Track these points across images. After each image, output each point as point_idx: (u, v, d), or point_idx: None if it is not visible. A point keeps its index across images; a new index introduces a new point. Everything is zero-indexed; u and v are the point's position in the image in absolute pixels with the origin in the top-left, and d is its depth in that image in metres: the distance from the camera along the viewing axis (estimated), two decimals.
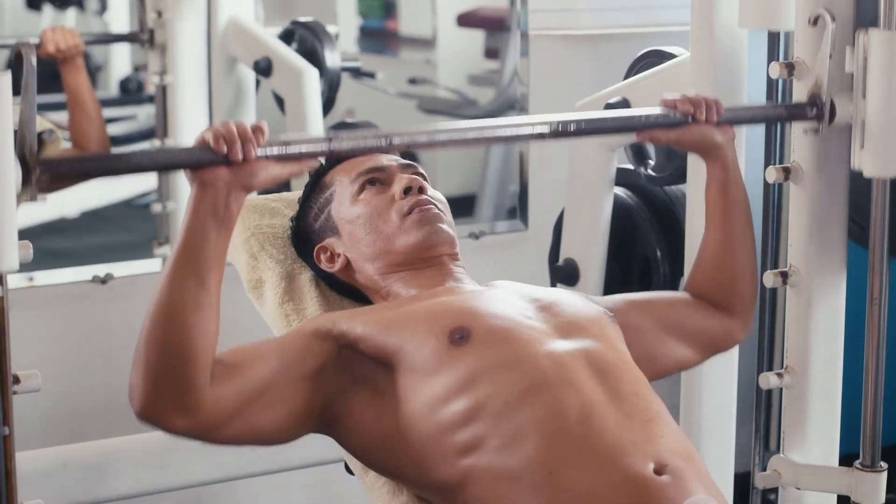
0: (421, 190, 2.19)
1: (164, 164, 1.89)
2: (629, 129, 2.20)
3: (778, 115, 2.32)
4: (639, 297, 2.27)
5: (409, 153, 2.27)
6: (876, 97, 2.20)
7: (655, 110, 2.17)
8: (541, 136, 2.08)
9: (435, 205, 2.19)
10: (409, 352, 1.98)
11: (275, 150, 1.87)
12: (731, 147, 2.23)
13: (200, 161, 1.84)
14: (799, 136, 2.33)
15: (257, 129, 1.86)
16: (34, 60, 1.71)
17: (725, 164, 2.23)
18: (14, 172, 1.68)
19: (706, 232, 2.29)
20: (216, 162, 1.83)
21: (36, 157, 1.72)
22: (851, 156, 2.25)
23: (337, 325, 2.02)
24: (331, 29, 3.56)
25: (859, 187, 2.34)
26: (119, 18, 3.88)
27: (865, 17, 2.27)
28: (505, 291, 2.14)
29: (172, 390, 1.83)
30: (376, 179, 2.21)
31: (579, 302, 2.15)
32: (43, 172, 1.73)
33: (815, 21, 2.26)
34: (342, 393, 1.98)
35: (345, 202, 2.21)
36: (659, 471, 1.85)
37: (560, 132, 2.08)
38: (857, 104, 2.23)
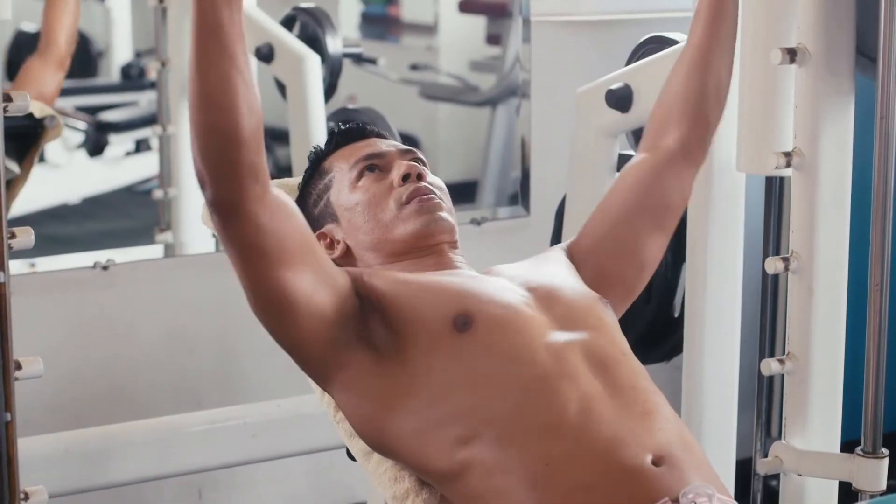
0: (420, 177, 2.17)
1: None
2: None
3: None
4: (587, 224, 2.25)
5: (410, 139, 2.27)
6: None
7: None
8: None
9: (434, 192, 2.16)
10: (414, 326, 1.97)
11: None
12: None
13: None
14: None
15: None
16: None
17: None
18: None
19: (688, 37, 2.26)
20: None
21: None
22: None
23: (354, 273, 2.03)
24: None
25: (867, 17, 2.32)
26: (121, 3, 3.88)
27: None
28: (505, 278, 2.13)
29: (233, 168, 1.83)
30: (375, 166, 2.20)
31: (576, 287, 2.14)
32: None
33: None
34: (346, 344, 1.97)
35: (343, 189, 2.20)
36: (657, 461, 1.85)
37: None
38: None
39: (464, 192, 3.91)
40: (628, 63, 2.86)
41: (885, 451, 2.35)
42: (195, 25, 1.83)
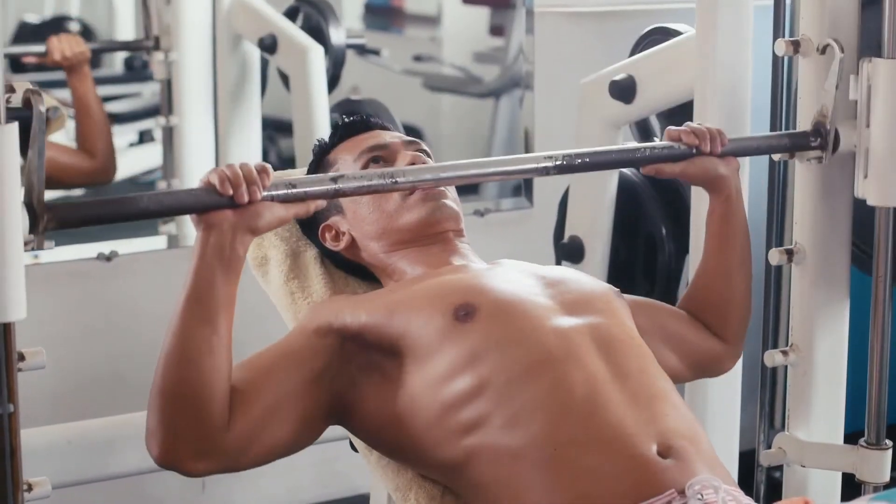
0: None
1: (170, 207, 1.85)
2: (634, 164, 2.21)
3: (782, 145, 2.31)
4: (642, 299, 2.26)
5: (413, 130, 2.27)
6: (880, 126, 2.21)
7: (660, 144, 2.17)
8: (545, 171, 2.07)
9: None
10: (413, 333, 1.97)
11: (280, 192, 1.87)
12: (736, 178, 2.24)
13: (206, 204, 1.83)
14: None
15: (262, 171, 1.84)
16: (43, 108, 1.71)
17: (729, 196, 2.24)
18: (21, 221, 1.67)
19: (704, 257, 2.29)
20: (221, 204, 1.82)
21: (43, 205, 1.71)
22: (855, 185, 2.27)
23: (339, 318, 2.01)
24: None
25: (862, 214, 2.34)
26: None
27: (869, 44, 2.27)
28: (511, 269, 2.13)
29: (191, 437, 1.84)
30: (379, 157, 2.21)
31: (585, 279, 2.15)
32: (50, 220, 1.72)
33: (823, 50, 2.26)
34: (350, 384, 1.98)
35: None
36: (663, 453, 1.85)
37: (565, 167, 2.08)
38: (860, 133, 2.24)
39: (467, 184, 3.90)
40: (632, 54, 2.86)
41: (889, 443, 2.35)
42: (188, 284, 1.84)
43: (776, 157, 2.39)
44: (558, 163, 2.06)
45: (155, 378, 1.85)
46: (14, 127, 1.66)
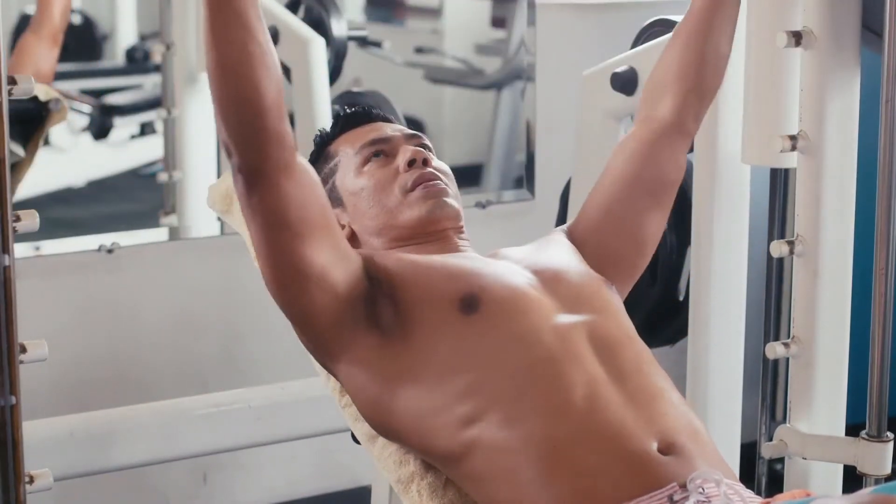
0: (425, 162, 2.17)
1: None
2: None
3: None
4: (591, 207, 2.23)
5: (415, 122, 2.26)
6: None
7: None
8: None
9: (440, 178, 2.16)
10: (422, 309, 1.97)
11: None
12: None
13: None
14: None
15: None
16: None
17: None
18: None
19: (689, 7, 2.24)
20: None
21: None
22: None
23: (366, 255, 2.03)
24: None
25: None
26: None
27: None
28: (511, 261, 2.13)
29: (258, 136, 1.84)
30: (381, 151, 2.20)
31: (581, 269, 2.13)
32: None
33: None
34: (354, 323, 1.97)
35: (349, 174, 2.20)
36: (663, 450, 1.85)
37: None
38: None
39: (469, 176, 3.90)
40: (633, 46, 2.86)
41: (890, 435, 2.35)
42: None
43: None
44: None
45: (210, 88, 1.84)
46: None
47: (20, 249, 2.76)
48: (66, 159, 3.63)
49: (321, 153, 2.27)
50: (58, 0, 3.39)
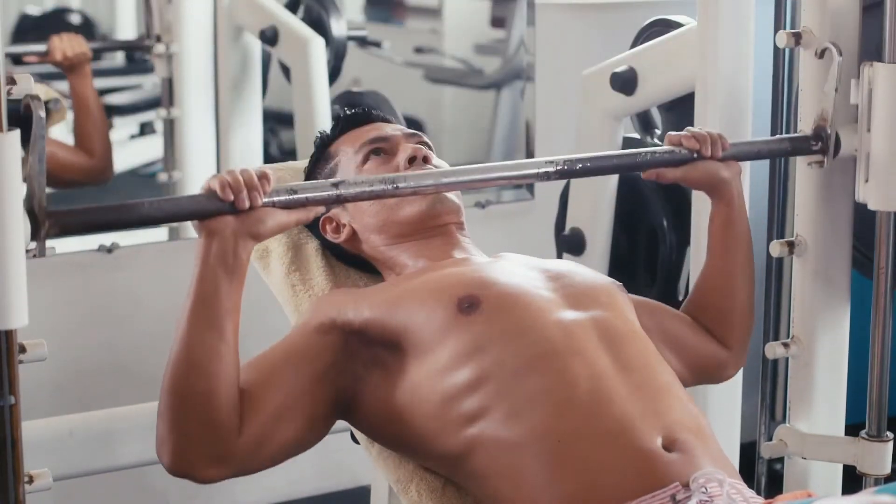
0: (425, 159, 2.18)
1: (171, 214, 1.86)
2: (635, 169, 2.20)
3: (783, 149, 2.32)
4: (645, 300, 2.25)
5: (414, 122, 2.27)
6: (881, 130, 2.21)
7: (661, 148, 2.17)
8: (546, 176, 2.08)
9: None
10: (416, 326, 1.97)
11: (281, 197, 1.88)
12: (738, 182, 2.23)
13: (207, 210, 1.84)
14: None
15: (263, 177, 1.86)
16: (42, 113, 1.71)
17: (731, 200, 2.23)
18: (23, 227, 1.67)
19: (707, 262, 2.28)
20: (223, 210, 1.84)
21: (45, 211, 1.72)
22: (856, 189, 2.26)
23: (341, 314, 2.01)
24: None
25: (863, 218, 2.34)
26: None
27: (870, 48, 2.26)
28: (513, 262, 2.13)
29: (202, 443, 1.85)
30: (380, 149, 2.21)
31: (588, 272, 2.14)
32: (52, 226, 1.72)
33: (821, 54, 2.26)
34: (354, 379, 1.98)
35: (349, 172, 2.21)
36: (668, 446, 1.85)
37: (565, 172, 2.09)
38: (861, 137, 2.24)
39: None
40: (633, 46, 2.86)
41: (890, 435, 2.35)
42: (192, 291, 1.85)
43: None
44: (559, 168, 2.07)
45: (163, 385, 1.86)
46: (15, 134, 1.66)
47: None
48: None
49: (321, 154, 2.28)
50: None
